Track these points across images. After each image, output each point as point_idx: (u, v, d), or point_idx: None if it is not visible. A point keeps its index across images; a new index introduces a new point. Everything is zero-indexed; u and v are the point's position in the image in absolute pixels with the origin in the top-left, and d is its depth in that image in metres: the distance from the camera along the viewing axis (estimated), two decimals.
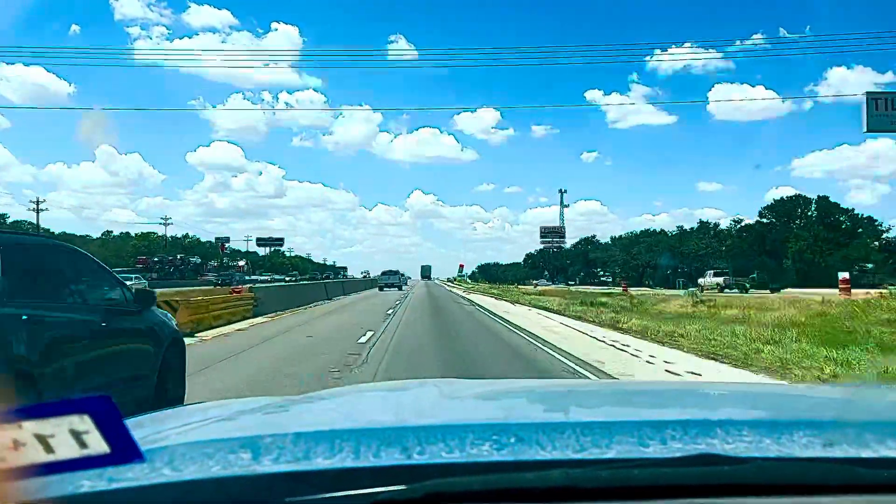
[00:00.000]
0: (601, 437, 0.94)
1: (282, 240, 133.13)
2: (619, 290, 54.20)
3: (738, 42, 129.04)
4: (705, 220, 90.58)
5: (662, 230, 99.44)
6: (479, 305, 26.59)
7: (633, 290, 44.45)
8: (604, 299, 26.67)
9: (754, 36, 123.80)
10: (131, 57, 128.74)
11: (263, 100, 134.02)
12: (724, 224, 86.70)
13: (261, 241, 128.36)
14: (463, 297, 36.65)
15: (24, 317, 3.63)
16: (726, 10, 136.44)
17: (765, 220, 77.79)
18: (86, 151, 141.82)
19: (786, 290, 43.84)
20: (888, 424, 1.07)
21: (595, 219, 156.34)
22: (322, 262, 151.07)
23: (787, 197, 78.75)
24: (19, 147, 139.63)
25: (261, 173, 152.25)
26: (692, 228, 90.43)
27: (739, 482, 0.83)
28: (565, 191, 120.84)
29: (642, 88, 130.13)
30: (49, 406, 0.63)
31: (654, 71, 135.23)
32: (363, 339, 12.09)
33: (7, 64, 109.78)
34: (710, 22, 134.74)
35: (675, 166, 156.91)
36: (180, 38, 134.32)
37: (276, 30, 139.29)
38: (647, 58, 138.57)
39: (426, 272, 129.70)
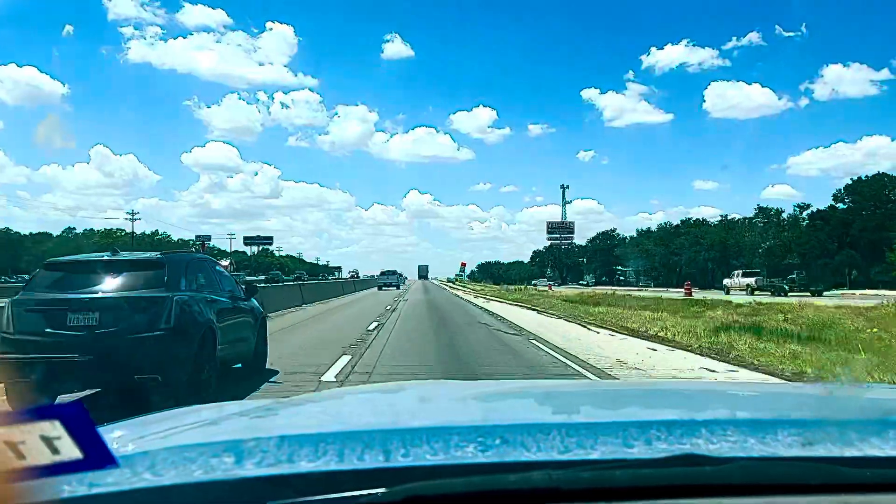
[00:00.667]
0: (586, 437, 0.94)
1: (270, 238, 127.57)
2: (650, 291, 44.89)
3: (734, 39, 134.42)
4: (765, 206, 79.82)
5: (704, 220, 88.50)
6: (527, 331, 15.02)
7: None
8: (708, 311, 18.17)
9: (750, 34, 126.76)
10: (125, 56, 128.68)
11: (259, 100, 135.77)
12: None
13: (248, 240, 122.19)
14: (481, 309, 25.88)
15: (209, 299, 6.72)
16: (722, 8, 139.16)
17: (841, 206, 64.81)
18: (80, 153, 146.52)
19: (832, 292, 36.72)
20: (870, 423, 1.08)
21: (592, 217, 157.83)
22: (314, 262, 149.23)
23: (869, 176, 66.46)
24: (13, 148, 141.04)
25: (256, 174, 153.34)
26: (746, 218, 79.86)
27: (722, 482, 0.84)
28: (567, 186, 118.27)
29: (639, 87, 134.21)
30: (18, 413, 0.63)
31: (650, 69, 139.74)
32: None
33: (0, 64, 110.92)
34: (707, 20, 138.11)
35: (671, 165, 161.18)
36: (174, 38, 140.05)
37: (271, 29, 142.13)
38: (644, 56, 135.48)
39: (423, 272, 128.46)
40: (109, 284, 5.87)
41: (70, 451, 0.62)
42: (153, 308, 5.71)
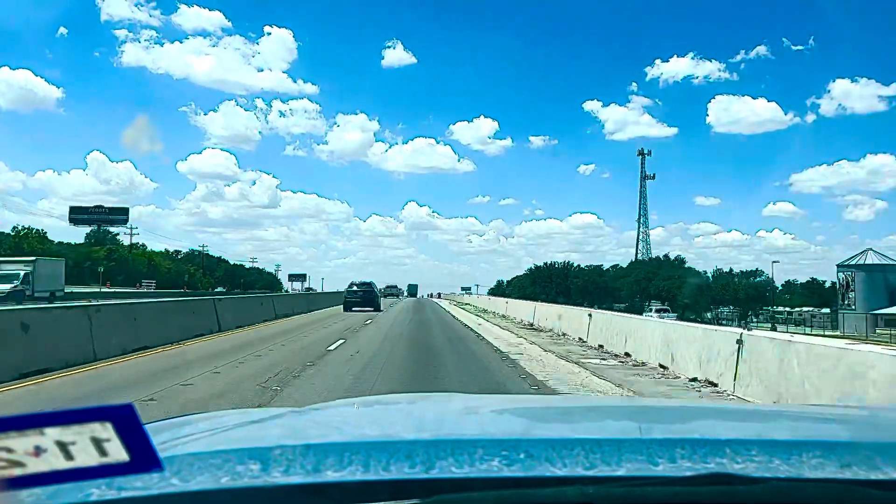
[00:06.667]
0: (610, 454, 0.98)
1: (124, 212, 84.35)
2: None
3: (742, 52, 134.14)
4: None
5: None
6: None
7: None
8: None
9: (758, 47, 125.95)
10: (119, 60, 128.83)
11: (257, 107, 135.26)
12: None
13: (76, 215, 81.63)
14: None
15: (376, 289, 41.17)
16: (730, 20, 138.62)
17: None
18: (76, 159, 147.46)
19: None
20: None
21: (591, 232, 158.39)
22: (240, 265, 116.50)
23: None
24: (8, 153, 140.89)
25: (254, 182, 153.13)
26: None
27: (753, 502, 0.87)
28: (649, 153, 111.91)
29: (642, 99, 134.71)
30: (72, 413, 0.66)
31: (654, 81, 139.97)
32: None
33: None
34: (714, 32, 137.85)
35: (672, 179, 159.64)
36: (171, 42, 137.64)
37: (270, 34, 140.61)
38: (648, 67, 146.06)
39: (412, 290, 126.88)
40: (362, 287, 37.39)
41: (118, 453, 0.66)
42: (372, 291, 37.78)
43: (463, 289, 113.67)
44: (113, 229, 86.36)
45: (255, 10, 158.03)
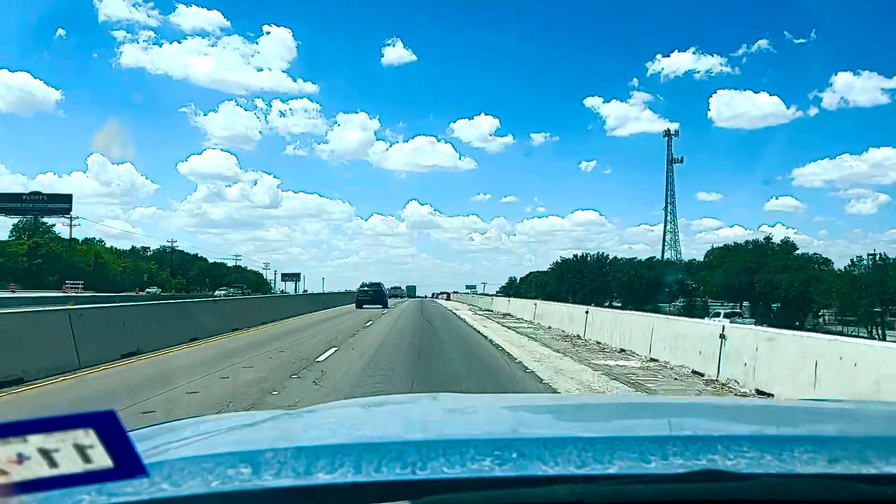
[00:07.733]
0: (603, 452, 0.99)
1: (67, 199, 68.85)
2: None
3: (743, 46, 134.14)
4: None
5: None
6: None
7: None
8: None
9: (760, 41, 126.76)
10: (118, 61, 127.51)
11: (257, 106, 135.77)
12: None
13: (7, 204, 68.12)
14: None
15: (383, 289, 50.13)
16: (731, 14, 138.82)
17: None
18: (77, 161, 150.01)
19: None
20: (890, 440, 1.16)
21: (593, 229, 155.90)
22: (229, 265, 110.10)
23: None
24: (8, 156, 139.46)
25: (256, 182, 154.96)
26: None
27: (744, 498, 0.88)
28: (677, 134, 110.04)
29: (643, 95, 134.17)
30: (54, 420, 0.66)
31: (655, 76, 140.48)
32: None
33: None
34: (715, 26, 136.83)
35: (674, 175, 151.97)
36: (169, 43, 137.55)
37: (269, 33, 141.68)
38: (650, 63, 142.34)
39: (411, 292, 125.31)
40: (373, 287, 45.36)
41: (101, 459, 0.66)
42: (380, 290, 45.34)
43: (468, 287, 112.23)
44: (51, 220, 73.79)
45: (254, 9, 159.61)
